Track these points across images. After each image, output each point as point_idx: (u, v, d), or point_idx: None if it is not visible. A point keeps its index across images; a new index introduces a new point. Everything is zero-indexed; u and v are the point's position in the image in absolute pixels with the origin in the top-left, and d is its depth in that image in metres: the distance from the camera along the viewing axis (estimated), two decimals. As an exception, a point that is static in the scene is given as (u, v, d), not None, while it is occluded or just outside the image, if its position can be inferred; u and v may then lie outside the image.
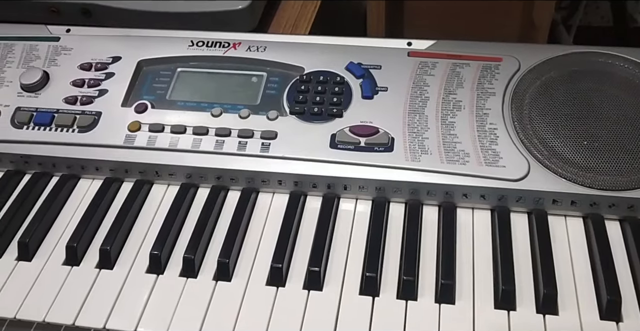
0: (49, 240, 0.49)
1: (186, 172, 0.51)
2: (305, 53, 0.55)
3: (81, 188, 0.53)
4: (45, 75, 0.57)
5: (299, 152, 0.50)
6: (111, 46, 0.58)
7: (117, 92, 0.55)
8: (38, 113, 0.55)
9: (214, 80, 0.55)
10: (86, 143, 0.53)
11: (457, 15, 0.71)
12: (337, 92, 0.53)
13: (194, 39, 0.58)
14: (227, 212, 0.50)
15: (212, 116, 0.53)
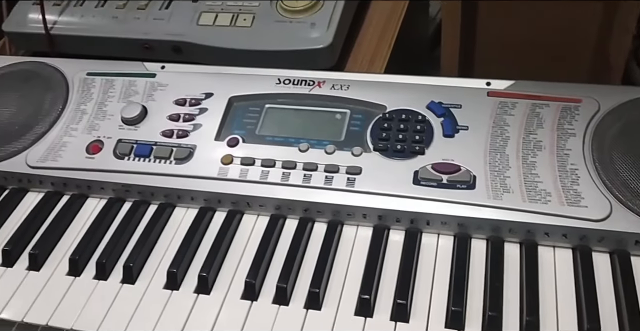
0: (149, 264, 0.53)
1: (275, 203, 0.55)
2: (387, 91, 0.58)
3: (177, 216, 0.57)
4: (144, 109, 0.62)
5: (383, 188, 0.52)
6: (204, 83, 0.63)
7: (210, 127, 0.59)
8: (138, 146, 0.59)
9: (300, 117, 0.59)
10: (182, 174, 0.57)
11: (531, 54, 0.73)
12: (419, 130, 0.55)
13: (281, 77, 0.61)
14: (314, 242, 0.53)
15: (299, 151, 0.56)
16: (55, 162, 0.60)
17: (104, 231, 0.56)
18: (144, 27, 0.72)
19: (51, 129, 0.62)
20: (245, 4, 0.71)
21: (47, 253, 0.55)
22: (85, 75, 0.66)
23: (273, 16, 0.69)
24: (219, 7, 0.71)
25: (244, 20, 0.70)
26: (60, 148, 0.61)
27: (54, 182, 0.60)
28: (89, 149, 0.60)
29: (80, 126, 0.62)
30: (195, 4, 0.73)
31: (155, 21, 0.72)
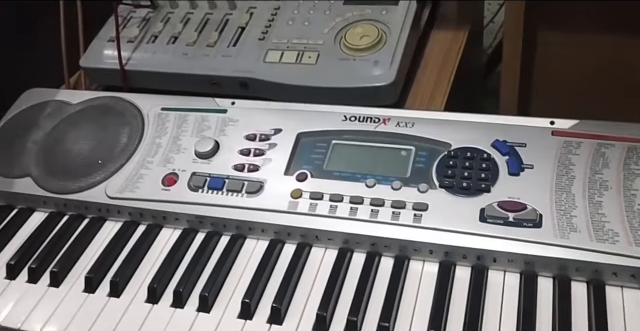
0: (224, 293, 0.55)
1: (343, 237, 0.57)
2: (451, 129, 0.60)
3: (249, 247, 0.59)
4: (216, 144, 0.65)
5: (449, 224, 0.54)
6: (272, 119, 0.66)
7: (279, 161, 0.62)
8: (211, 179, 0.62)
9: (366, 153, 0.61)
10: (253, 207, 0.60)
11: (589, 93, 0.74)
12: (485, 168, 0.57)
13: (347, 114, 0.64)
14: (381, 277, 0.54)
15: (366, 186, 0.58)
16: (133, 193, 0.63)
17: (179, 260, 0.59)
18: (213, 63, 0.76)
19: (128, 161, 0.66)
20: (310, 42, 0.74)
21: (127, 281, 0.58)
22: (160, 110, 0.70)
23: (337, 54, 0.72)
24: (285, 45, 0.75)
25: (309, 57, 0.73)
26: (137, 180, 0.64)
27: (131, 212, 0.63)
28: (164, 181, 0.63)
29: (156, 159, 0.66)
30: (261, 41, 0.76)
31: (224, 58, 0.76)
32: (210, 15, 0.82)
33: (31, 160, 0.69)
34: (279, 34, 0.76)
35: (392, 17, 0.74)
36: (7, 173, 0.69)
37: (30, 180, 0.68)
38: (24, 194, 0.67)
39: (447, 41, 0.81)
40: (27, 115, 0.75)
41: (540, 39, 0.74)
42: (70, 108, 0.74)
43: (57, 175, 0.67)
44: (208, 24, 0.81)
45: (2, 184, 0.68)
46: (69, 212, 0.66)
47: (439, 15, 0.85)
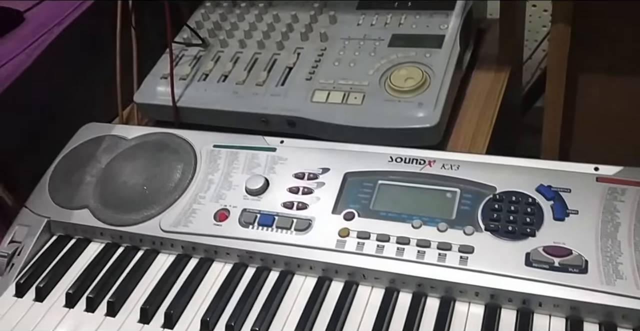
0: (273, 328, 0.57)
1: (390, 277, 0.58)
2: (496, 173, 0.62)
3: (297, 283, 0.61)
4: (266, 181, 0.68)
5: (495, 267, 0.55)
6: (320, 158, 0.68)
7: (327, 200, 0.64)
8: (261, 216, 0.65)
9: (412, 194, 0.63)
10: (302, 245, 0.62)
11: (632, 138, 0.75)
12: (530, 213, 0.58)
13: (393, 155, 0.66)
14: (427, 318, 0.56)
15: (412, 227, 0.60)
16: (186, 227, 0.66)
17: (230, 294, 0.61)
18: (262, 102, 0.79)
19: (182, 196, 0.69)
20: (356, 83, 0.77)
21: (180, 313, 0.61)
22: (212, 147, 0.73)
23: (382, 95, 0.75)
24: (331, 86, 0.78)
25: (355, 98, 0.75)
26: (190, 214, 0.67)
27: (184, 245, 0.66)
28: (216, 216, 0.66)
29: (208, 195, 0.68)
30: (308, 81, 0.79)
31: (272, 97, 0.79)
32: (259, 55, 0.86)
33: (89, 192, 0.73)
34: (325, 74, 0.79)
35: (435, 60, 0.76)
36: (66, 205, 0.73)
37: (88, 211, 0.71)
38: (82, 225, 0.71)
39: (488, 82, 0.83)
40: (85, 149, 0.79)
41: (582, 82, 0.75)
42: (125, 143, 0.77)
43: (114, 208, 0.71)
44: (257, 63, 0.85)
45: (62, 215, 0.72)
46: (124, 243, 0.69)
47: (480, 56, 0.87)
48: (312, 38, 0.85)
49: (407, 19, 0.82)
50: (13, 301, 0.65)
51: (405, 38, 0.80)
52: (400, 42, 0.80)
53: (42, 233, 0.71)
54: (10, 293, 0.66)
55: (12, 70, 0.79)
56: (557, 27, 0.68)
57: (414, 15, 0.83)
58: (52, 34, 0.84)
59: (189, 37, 0.91)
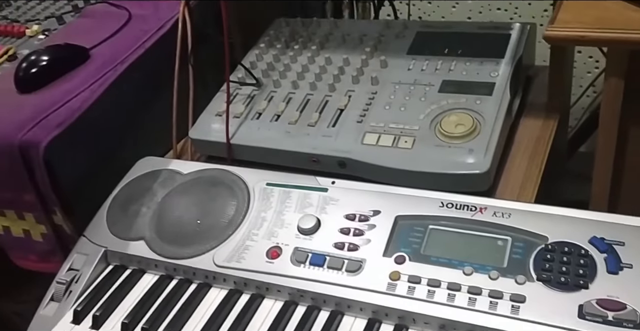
0: (323, 370, 0.59)
1: (440, 323, 0.59)
2: (548, 222, 0.62)
3: (346, 324, 0.62)
4: (318, 221, 0.69)
5: (547, 318, 0.56)
6: (371, 200, 0.70)
7: (378, 243, 0.66)
8: (313, 255, 0.67)
9: (463, 240, 0.64)
10: (353, 286, 0.63)
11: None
12: (582, 265, 0.58)
13: (444, 200, 0.67)
14: (478, 366, 0.56)
15: (464, 274, 0.61)
16: (239, 263, 0.68)
17: (281, 332, 0.63)
18: (313, 142, 0.82)
19: (235, 232, 0.71)
20: (406, 127, 0.79)
21: (231, 349, 0.62)
22: (265, 185, 0.75)
23: (432, 140, 0.76)
24: (382, 129, 0.80)
25: (405, 142, 0.77)
26: (243, 250, 0.69)
27: (236, 281, 0.68)
28: (268, 254, 0.68)
29: (261, 232, 0.70)
30: (360, 124, 0.82)
31: (324, 138, 0.82)
32: (311, 96, 0.89)
33: (145, 224, 0.76)
34: (376, 117, 0.82)
35: (486, 107, 0.78)
36: (123, 235, 0.76)
37: (144, 243, 0.74)
38: (138, 256, 0.73)
39: (536, 128, 0.84)
40: (142, 182, 0.82)
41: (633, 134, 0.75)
42: (181, 177, 0.80)
43: (169, 241, 0.73)
44: (309, 104, 0.88)
45: (118, 245, 0.75)
46: (178, 276, 0.72)
47: (528, 102, 0.88)
48: (363, 81, 0.88)
49: (457, 66, 0.85)
50: (70, 328, 0.68)
51: (456, 84, 0.82)
52: (450, 88, 0.82)
53: (99, 262, 0.74)
54: (68, 319, 0.69)
55: (78, 105, 0.83)
56: (611, 81, 0.69)
57: (464, 61, 0.85)
58: (116, 71, 0.89)
59: (244, 77, 0.95)
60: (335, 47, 0.95)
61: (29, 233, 0.85)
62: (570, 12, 0.66)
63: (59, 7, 1.12)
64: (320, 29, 1.00)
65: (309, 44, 0.97)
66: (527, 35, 0.87)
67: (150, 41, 0.94)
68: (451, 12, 1.38)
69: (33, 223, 0.84)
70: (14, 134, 0.78)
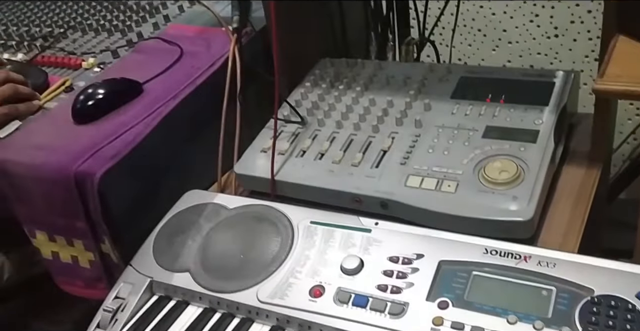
0: None
1: (484, 371, 0.59)
2: (594, 274, 0.62)
3: (388, 368, 0.63)
4: (361, 262, 0.70)
5: (594, 373, 0.55)
6: (415, 243, 0.71)
7: (421, 286, 0.66)
8: (356, 296, 0.67)
9: (507, 288, 0.64)
10: (395, 329, 0.63)
11: None
12: (630, 319, 0.58)
13: (488, 247, 0.68)
14: None
15: (508, 323, 0.61)
16: (282, 300, 0.69)
17: (322, 372, 0.63)
18: (356, 182, 0.83)
19: (279, 269, 0.73)
20: (450, 171, 0.80)
21: (273, 386, 0.63)
22: (309, 223, 0.77)
23: (476, 185, 0.77)
24: (425, 172, 0.81)
25: (448, 186, 0.78)
26: (286, 288, 0.70)
27: (279, 318, 0.69)
28: (311, 292, 0.69)
29: (304, 270, 0.72)
30: (403, 166, 0.83)
31: (367, 178, 0.83)
32: (355, 136, 0.91)
33: (190, 256, 0.78)
34: (419, 160, 0.83)
35: (530, 154, 0.79)
36: (168, 267, 0.78)
37: (189, 275, 0.76)
38: (182, 288, 0.75)
39: (579, 176, 0.84)
40: (188, 215, 0.84)
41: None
42: (226, 212, 0.83)
43: (213, 274, 0.75)
44: (352, 144, 0.90)
45: (164, 276, 0.77)
46: (222, 309, 0.73)
47: (571, 149, 0.89)
48: (406, 123, 0.90)
49: (501, 112, 0.86)
50: (114, 357, 0.70)
51: (499, 130, 0.83)
52: (494, 134, 0.83)
53: (145, 292, 0.76)
54: (113, 348, 0.71)
55: (131, 138, 0.86)
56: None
57: (507, 108, 0.86)
58: (168, 106, 0.92)
59: (289, 114, 0.97)
60: (380, 89, 0.97)
61: (77, 259, 0.88)
62: (619, 65, 0.67)
63: (114, 41, 1.17)
64: (365, 70, 1.03)
65: (354, 84, 1.00)
66: (571, 84, 0.88)
67: (202, 78, 0.98)
68: (491, 55, 1.40)
69: (82, 250, 0.87)
70: (71, 164, 0.82)
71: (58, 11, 1.35)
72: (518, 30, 1.34)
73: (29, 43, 1.21)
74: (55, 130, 0.91)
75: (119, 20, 1.24)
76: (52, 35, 1.23)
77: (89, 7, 1.33)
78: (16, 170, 0.86)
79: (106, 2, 1.33)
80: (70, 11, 1.33)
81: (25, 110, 0.97)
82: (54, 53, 1.16)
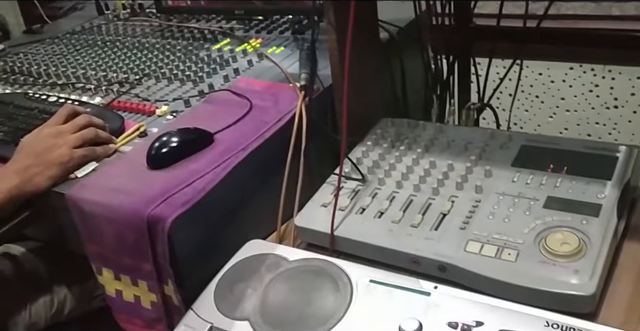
0: None
1: None
2: (659, 358, 0.62)
3: None
4: (420, 325, 0.71)
5: None
6: (474, 310, 0.72)
7: (481, 355, 0.67)
8: (415, 359, 0.68)
9: (569, 364, 0.64)
10: None
11: None
12: None
13: (550, 320, 0.68)
14: None
15: None
16: (339, 358, 0.71)
17: None
18: (415, 243, 0.85)
19: (337, 325, 0.74)
20: (510, 240, 0.81)
21: None
22: (368, 282, 0.79)
23: (536, 256, 0.78)
24: (485, 238, 0.82)
25: (509, 254, 0.79)
26: (344, 345, 0.72)
27: (336, 375, 0.70)
28: (369, 352, 0.70)
29: (362, 329, 0.73)
30: (462, 231, 0.85)
31: (426, 240, 0.85)
32: (414, 197, 0.93)
33: (250, 306, 0.80)
34: (479, 226, 0.84)
35: (592, 228, 0.79)
36: (228, 314, 0.80)
37: (248, 324, 0.78)
38: (241, 337, 0.77)
39: None
40: (249, 264, 0.87)
41: None
42: (287, 264, 0.85)
43: (272, 325, 0.77)
44: (412, 205, 0.92)
45: (224, 323, 0.79)
46: (278, 362, 0.75)
47: (632, 224, 0.89)
48: (467, 188, 0.91)
49: (563, 183, 0.87)
50: None
51: (561, 202, 0.84)
52: (555, 205, 0.84)
53: (204, 337, 0.79)
54: (172, 391, 0.73)
55: (202, 186, 0.91)
56: None
57: (569, 179, 0.88)
58: (237, 158, 0.97)
59: (350, 171, 1.01)
60: (440, 152, 1.00)
61: (139, 299, 0.91)
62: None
63: (186, 91, 1.24)
64: (426, 132, 1.06)
65: (414, 145, 1.03)
66: (635, 159, 0.89)
67: (270, 132, 1.02)
68: (547, 121, 1.42)
69: (145, 291, 0.90)
70: (144, 208, 0.86)
71: (134, 59, 1.44)
72: (577, 99, 1.36)
73: (106, 87, 1.30)
74: (130, 173, 0.97)
75: (191, 70, 1.31)
76: (128, 81, 1.31)
77: (162, 57, 1.42)
78: (91, 209, 0.92)
79: (179, 53, 1.42)
80: (145, 59, 1.42)
81: (102, 153, 1.03)
82: (129, 98, 1.24)
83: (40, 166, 0.97)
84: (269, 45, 1.37)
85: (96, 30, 1.70)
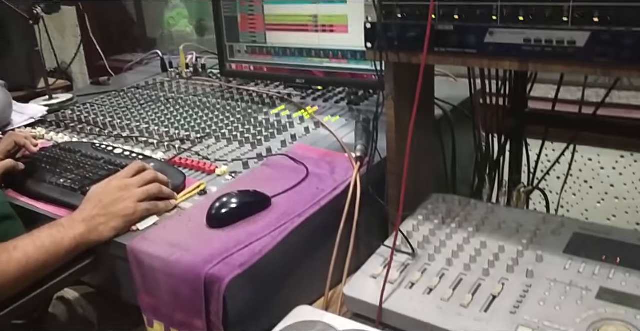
0: None
1: None
2: None
3: None
4: None
5: None
6: None
7: None
8: None
9: None
10: None
11: None
12: None
13: None
14: None
15: None
16: None
17: None
18: (465, 324, 0.85)
19: None
20: (562, 328, 0.81)
21: None
22: (417, 360, 0.79)
23: None
24: (536, 325, 0.82)
25: None
26: None
27: None
28: None
29: None
30: (513, 315, 0.84)
31: (475, 321, 0.85)
32: (464, 276, 0.94)
33: (297, 374, 0.81)
34: (530, 311, 0.85)
35: (646, 324, 0.79)
36: (277, 380, 0.81)
37: (296, 392, 0.79)
38: None
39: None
40: (297, 330, 0.88)
41: None
42: (335, 333, 0.86)
43: None
44: (461, 283, 0.93)
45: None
46: None
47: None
48: (517, 272, 0.92)
49: (616, 275, 0.87)
50: None
51: (614, 294, 0.84)
52: (608, 297, 0.84)
53: None
54: None
55: (259, 248, 0.94)
56: None
57: (623, 271, 0.88)
58: (293, 223, 1.00)
59: (400, 245, 1.03)
60: (491, 232, 1.02)
61: (187, 354, 0.93)
62: None
63: (244, 152, 1.29)
64: (477, 211, 1.08)
65: (465, 224, 1.05)
66: (689, 258, 0.89)
67: (325, 200, 1.06)
68: (595, 207, 1.43)
69: (193, 347, 0.92)
70: (203, 266, 0.90)
71: (195, 117, 1.51)
72: (626, 187, 1.37)
73: (168, 143, 1.36)
74: (190, 230, 1.01)
75: (250, 133, 1.37)
76: (189, 139, 1.38)
77: (222, 117, 1.49)
78: (150, 263, 0.95)
79: (239, 114, 1.48)
80: (206, 119, 1.49)
81: (164, 208, 1.08)
82: (190, 156, 1.30)
83: (106, 216, 1.02)
84: (324, 113, 1.43)
85: (159, 86, 1.80)
